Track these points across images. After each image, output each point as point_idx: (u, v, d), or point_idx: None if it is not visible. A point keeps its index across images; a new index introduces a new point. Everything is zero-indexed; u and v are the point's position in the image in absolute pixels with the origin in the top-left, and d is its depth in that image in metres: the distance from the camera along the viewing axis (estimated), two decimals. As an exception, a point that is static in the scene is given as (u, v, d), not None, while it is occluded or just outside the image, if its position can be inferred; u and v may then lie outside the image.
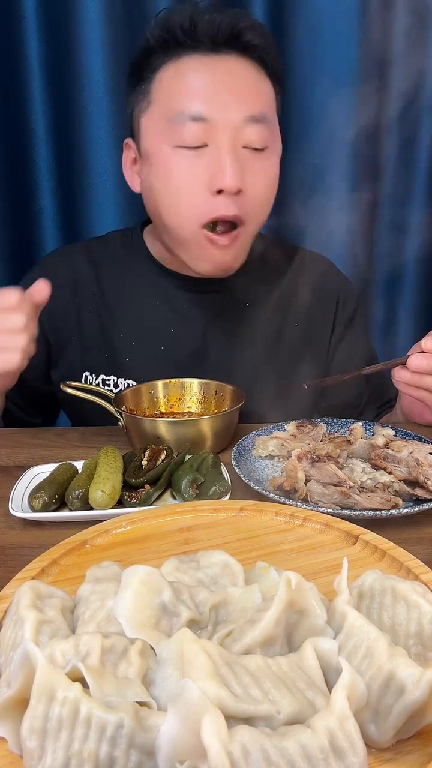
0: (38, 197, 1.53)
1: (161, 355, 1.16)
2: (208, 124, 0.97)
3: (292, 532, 0.67)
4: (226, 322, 1.18)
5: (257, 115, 0.99)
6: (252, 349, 1.18)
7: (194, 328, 1.17)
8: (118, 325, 1.18)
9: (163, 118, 1.00)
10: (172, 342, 1.17)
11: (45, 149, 1.48)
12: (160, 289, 1.18)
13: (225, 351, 1.17)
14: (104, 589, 0.50)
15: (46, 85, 1.43)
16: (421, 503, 0.75)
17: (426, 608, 0.47)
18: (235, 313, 1.18)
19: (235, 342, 1.18)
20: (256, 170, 1.01)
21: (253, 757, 0.35)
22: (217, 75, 0.98)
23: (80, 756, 0.37)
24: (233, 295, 1.17)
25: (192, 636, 0.42)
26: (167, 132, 0.99)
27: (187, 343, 1.17)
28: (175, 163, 0.99)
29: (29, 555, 0.62)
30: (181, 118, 0.97)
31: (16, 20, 1.39)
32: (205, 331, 1.17)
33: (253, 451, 0.92)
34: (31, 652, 0.38)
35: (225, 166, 0.96)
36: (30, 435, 1.05)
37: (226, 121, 0.97)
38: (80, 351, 1.18)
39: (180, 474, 0.80)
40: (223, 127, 0.97)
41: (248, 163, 0.99)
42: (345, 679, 0.38)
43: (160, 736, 0.36)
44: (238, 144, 0.98)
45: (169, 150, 0.99)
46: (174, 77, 0.99)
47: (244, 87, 0.99)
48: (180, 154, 0.99)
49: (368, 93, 1.49)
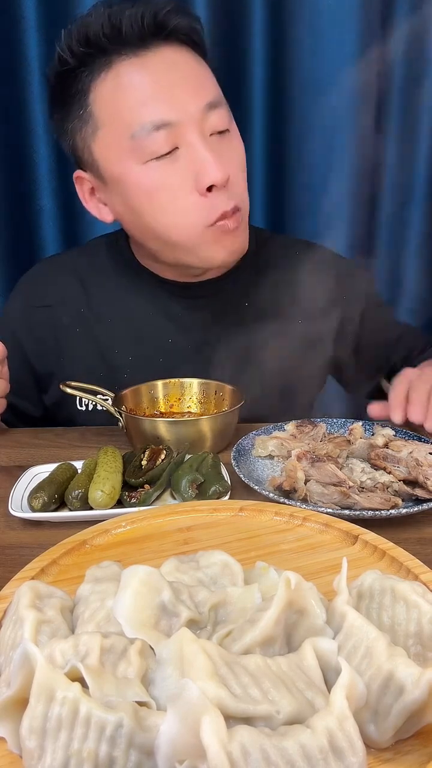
0: (38, 197, 1.52)
1: (161, 367, 1.10)
2: (173, 127, 0.92)
3: (292, 532, 0.67)
4: (225, 326, 1.13)
5: (213, 101, 0.95)
6: (256, 352, 1.12)
7: (193, 337, 1.12)
8: (112, 341, 1.13)
9: (120, 137, 0.94)
10: (171, 353, 1.12)
11: (45, 149, 1.48)
12: (153, 299, 1.13)
13: (227, 358, 1.11)
14: (104, 589, 0.50)
15: (46, 86, 1.43)
16: (421, 503, 0.75)
17: (425, 608, 0.47)
18: (234, 316, 1.13)
19: (237, 346, 1.12)
20: (229, 153, 0.98)
21: (252, 757, 0.35)
22: (160, 72, 0.93)
23: (80, 756, 0.37)
24: (229, 297, 1.13)
25: (191, 636, 0.42)
26: (131, 150, 0.93)
27: (188, 354, 1.12)
28: (151, 178, 0.94)
29: (29, 555, 0.62)
30: (144, 131, 0.92)
31: (16, 20, 1.39)
32: (204, 338, 1.12)
33: (253, 451, 0.92)
34: (31, 652, 0.38)
35: (206, 162, 0.93)
36: (30, 435, 1.05)
37: (189, 118, 0.93)
38: (72, 372, 1.10)
39: (180, 474, 0.80)
40: (188, 124, 0.93)
41: (221, 149, 0.96)
42: (344, 679, 0.38)
43: (160, 736, 0.36)
44: (206, 134, 0.95)
45: (140, 167, 0.94)
46: (115, 89, 0.93)
47: (191, 77, 0.95)
48: (153, 167, 0.94)
49: (368, 93, 1.49)
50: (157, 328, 1.13)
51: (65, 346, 1.14)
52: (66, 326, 1.14)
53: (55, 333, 1.14)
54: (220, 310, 1.13)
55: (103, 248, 1.19)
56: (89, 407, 1.14)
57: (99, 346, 1.14)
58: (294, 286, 1.16)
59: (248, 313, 1.14)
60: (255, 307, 1.14)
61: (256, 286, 1.15)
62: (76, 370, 1.12)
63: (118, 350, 1.13)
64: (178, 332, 1.13)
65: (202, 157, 0.93)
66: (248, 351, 1.12)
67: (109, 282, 1.15)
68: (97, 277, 1.16)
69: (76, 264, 1.18)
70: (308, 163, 1.52)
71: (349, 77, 1.46)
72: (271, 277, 1.16)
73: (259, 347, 1.13)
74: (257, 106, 1.48)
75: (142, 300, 1.14)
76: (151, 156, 0.93)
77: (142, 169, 0.94)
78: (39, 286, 1.17)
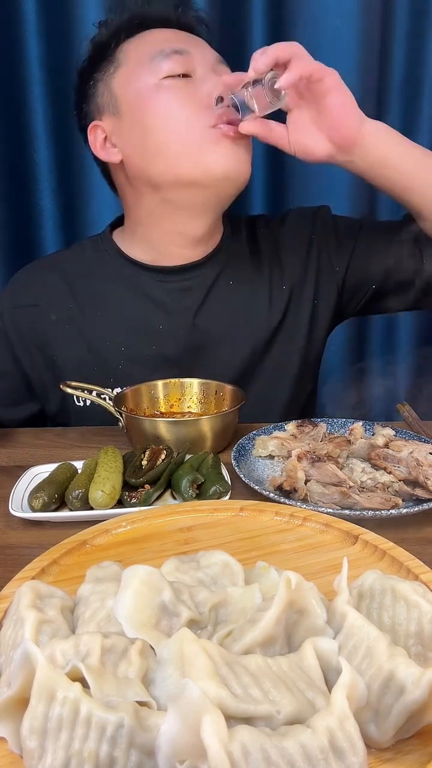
0: (38, 197, 1.52)
1: (154, 354, 1.13)
2: (190, 56, 1.01)
3: (292, 532, 0.67)
4: (214, 306, 1.15)
5: (223, 62, 1.05)
6: (246, 328, 1.15)
7: (183, 319, 1.13)
8: (102, 334, 1.14)
9: (141, 62, 1.02)
10: (162, 339, 1.13)
11: (45, 149, 1.48)
12: (139, 287, 1.14)
13: (219, 337, 1.14)
14: (104, 589, 0.50)
15: (46, 85, 1.43)
16: (421, 503, 0.75)
17: (426, 608, 0.47)
18: (221, 295, 1.15)
19: (227, 325, 1.15)
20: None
21: (253, 757, 0.35)
22: (179, 34, 1.06)
23: (80, 756, 0.37)
24: (216, 277, 1.15)
25: (192, 636, 0.42)
26: (150, 69, 1.01)
27: (179, 337, 1.13)
28: (168, 93, 1.01)
29: (29, 555, 0.62)
30: (162, 55, 1.01)
31: (16, 20, 1.39)
32: (194, 320, 1.14)
33: (253, 451, 0.92)
34: (32, 652, 0.38)
35: (216, 81, 1.00)
36: (30, 435, 1.05)
37: (204, 57, 1.03)
38: (65, 369, 1.13)
39: (180, 474, 0.80)
40: (203, 60, 1.02)
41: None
42: (345, 679, 0.38)
43: (160, 736, 0.36)
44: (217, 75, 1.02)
45: (155, 85, 1.01)
46: (140, 40, 1.05)
47: (206, 45, 1.07)
48: (167, 84, 1.01)
49: (368, 94, 1.49)
50: (146, 315, 1.14)
51: (55, 344, 1.15)
52: (54, 323, 1.15)
53: (45, 331, 1.14)
54: (208, 292, 1.15)
55: (87, 246, 1.21)
56: (87, 402, 1.14)
57: (89, 340, 1.14)
58: (272, 253, 1.19)
59: (235, 291, 1.16)
60: (240, 284, 1.16)
61: (238, 263, 1.17)
62: (69, 366, 1.13)
63: (110, 342, 1.14)
64: (167, 317, 1.14)
65: (215, 80, 1.00)
66: (237, 330, 1.15)
67: (95, 277, 1.16)
68: (82, 274, 1.17)
69: (61, 263, 1.20)
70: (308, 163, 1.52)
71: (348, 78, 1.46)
72: (253, 252, 1.19)
73: (248, 324, 1.15)
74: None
75: (128, 289, 1.15)
76: (169, 73, 1.00)
77: (156, 86, 1.01)
78: (24, 287, 1.18)
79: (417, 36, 1.48)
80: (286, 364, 1.19)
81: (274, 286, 1.18)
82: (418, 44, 1.49)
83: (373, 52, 1.46)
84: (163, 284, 1.14)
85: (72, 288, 1.16)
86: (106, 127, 1.07)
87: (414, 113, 1.54)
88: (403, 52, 1.50)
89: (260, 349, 1.16)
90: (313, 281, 1.19)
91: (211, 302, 1.15)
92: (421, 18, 1.47)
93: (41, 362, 1.16)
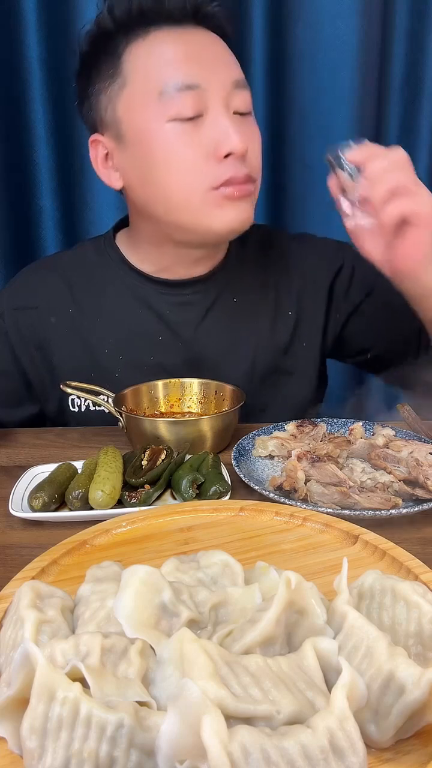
0: (38, 197, 1.52)
1: (152, 364, 1.11)
2: (202, 92, 0.94)
3: (292, 532, 0.67)
4: (215, 321, 1.13)
5: (241, 81, 0.98)
6: (247, 347, 1.14)
7: (183, 332, 1.12)
8: (101, 340, 1.12)
9: (149, 93, 0.95)
10: (162, 350, 1.11)
11: (45, 149, 1.48)
12: (141, 297, 1.12)
13: (219, 353, 1.12)
14: (104, 589, 0.50)
15: (46, 85, 1.43)
16: (421, 503, 0.75)
17: (426, 608, 0.47)
18: (224, 312, 1.13)
19: (228, 342, 1.13)
20: (249, 131, 0.99)
21: (253, 756, 0.35)
22: (194, 45, 0.97)
23: (80, 755, 0.37)
24: (219, 294, 1.13)
25: (192, 636, 0.42)
26: (158, 107, 0.95)
27: (179, 349, 1.12)
28: (173, 137, 0.95)
29: (29, 555, 0.62)
30: (173, 89, 0.94)
31: (16, 20, 1.39)
32: (195, 334, 1.12)
33: (253, 451, 0.92)
34: (32, 652, 0.38)
35: (229, 130, 0.94)
36: (30, 435, 1.05)
37: (218, 87, 0.95)
38: (64, 374, 1.09)
39: (180, 474, 0.80)
40: (216, 93, 0.95)
41: (241, 126, 0.97)
42: (345, 679, 0.38)
43: (160, 736, 0.36)
44: (230, 109, 0.96)
45: (162, 125, 0.95)
46: (149, 51, 0.96)
47: (222, 55, 0.99)
48: (175, 128, 0.95)
49: (368, 94, 1.49)
50: (146, 325, 1.12)
51: (54, 347, 1.14)
52: (54, 326, 1.13)
53: (44, 333, 1.13)
54: (211, 307, 1.13)
55: (90, 249, 1.18)
56: (81, 408, 1.13)
57: (88, 345, 1.13)
58: (282, 276, 1.17)
59: (238, 309, 1.14)
60: (244, 303, 1.15)
61: (245, 282, 1.15)
62: (67, 369, 1.12)
63: (108, 350, 1.12)
64: (168, 329, 1.12)
65: (225, 124, 0.94)
66: (238, 347, 1.13)
67: (97, 281, 1.14)
68: (84, 277, 1.15)
69: (62, 265, 1.17)
70: (309, 164, 1.53)
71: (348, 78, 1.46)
72: (259, 271, 1.16)
73: (249, 342, 1.14)
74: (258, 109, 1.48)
75: (130, 297, 1.13)
76: (176, 116, 0.94)
77: (163, 128, 0.95)
78: (24, 288, 1.17)
79: (417, 36, 1.49)
80: (289, 389, 1.17)
81: (280, 311, 1.16)
82: (418, 44, 1.49)
83: (373, 52, 1.46)
84: (165, 296, 1.12)
85: (72, 291, 1.14)
86: (107, 144, 1.03)
87: (414, 113, 1.54)
88: (403, 52, 1.51)
89: (261, 370, 1.14)
90: (323, 314, 1.18)
91: (212, 318, 1.13)
92: (421, 18, 1.47)
93: (40, 363, 1.15)
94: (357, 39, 1.43)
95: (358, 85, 1.47)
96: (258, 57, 1.45)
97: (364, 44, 1.44)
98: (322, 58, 1.46)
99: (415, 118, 1.54)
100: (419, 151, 1.55)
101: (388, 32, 1.48)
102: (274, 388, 1.16)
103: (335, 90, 1.47)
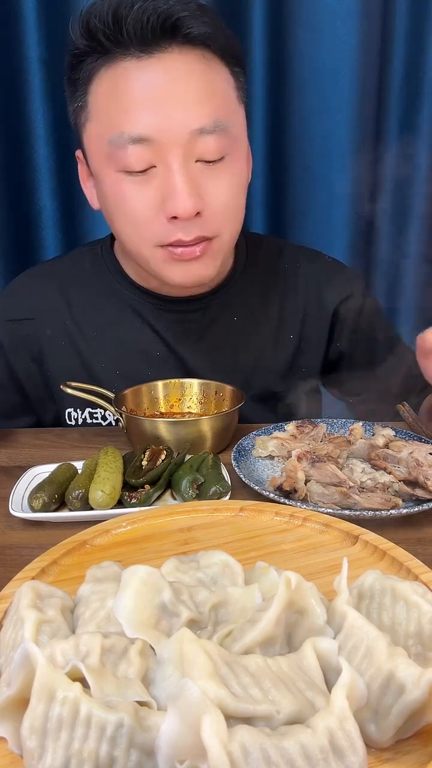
0: (38, 197, 1.52)
1: (150, 380, 1.06)
2: (152, 144, 0.85)
3: (292, 532, 0.67)
4: (214, 341, 1.10)
5: (208, 127, 0.86)
6: (246, 367, 1.11)
7: (181, 349, 1.10)
8: (97, 354, 1.10)
9: (102, 138, 0.89)
10: (159, 367, 1.09)
11: (45, 149, 1.48)
12: (139, 312, 1.10)
13: (214, 373, 1.08)
14: (104, 589, 0.50)
15: (46, 85, 1.43)
16: (421, 503, 0.75)
17: (426, 608, 0.47)
18: (223, 332, 1.11)
19: (224, 363, 1.10)
20: (216, 183, 0.90)
21: (252, 756, 0.35)
22: (156, 81, 0.85)
23: (80, 755, 0.37)
24: (219, 312, 1.10)
25: (192, 636, 0.42)
26: (109, 155, 0.89)
27: (175, 366, 1.10)
28: (123, 189, 0.90)
29: (29, 555, 0.62)
30: (122, 141, 0.86)
31: (16, 20, 1.39)
32: (193, 352, 1.10)
33: (253, 452, 0.92)
34: (32, 652, 0.39)
35: (176, 191, 0.86)
36: (30, 435, 1.05)
37: (173, 139, 0.85)
38: (58, 387, 1.04)
39: (180, 474, 0.80)
40: (173, 143, 0.85)
41: (205, 179, 0.89)
42: (345, 679, 0.38)
43: (160, 736, 0.36)
44: (189, 160, 0.87)
45: (115, 174, 0.89)
46: (110, 87, 0.87)
47: (191, 92, 0.86)
48: (124, 179, 0.89)
49: (368, 94, 1.49)
50: (144, 341, 1.10)
51: (50, 359, 1.12)
52: (50, 338, 1.11)
53: (40, 345, 1.12)
54: (210, 326, 1.11)
55: (86, 257, 1.15)
56: (78, 422, 1.12)
57: (84, 359, 1.11)
58: (288, 297, 1.14)
59: (238, 329, 1.12)
60: (244, 322, 1.12)
61: (247, 301, 1.12)
62: (63, 381, 1.07)
63: (105, 364, 1.11)
64: (165, 346, 1.10)
65: (173, 184, 0.87)
66: (236, 366, 1.11)
67: (93, 294, 1.12)
68: (80, 289, 1.12)
69: (58, 274, 1.14)
70: (309, 165, 1.53)
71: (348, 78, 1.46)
72: (264, 289, 1.14)
73: (248, 363, 1.11)
74: (257, 110, 1.48)
75: (127, 312, 1.11)
76: (124, 169, 0.88)
77: (114, 177, 0.90)
78: (20, 299, 1.14)
79: (417, 36, 1.48)
80: (282, 410, 1.14)
81: (281, 333, 1.14)
82: (418, 44, 1.49)
83: (373, 52, 1.46)
84: (164, 313, 1.10)
85: (68, 302, 1.12)
86: (83, 167, 1.00)
87: (414, 113, 1.54)
88: (403, 52, 1.50)
89: (256, 394, 1.12)
90: (325, 341, 1.17)
91: (210, 338, 1.11)
92: (421, 18, 1.47)
93: (36, 375, 1.14)
94: (357, 39, 1.43)
95: (358, 85, 1.46)
96: (258, 57, 1.45)
97: (364, 44, 1.44)
98: (322, 58, 1.45)
99: (414, 118, 1.54)
100: (419, 151, 1.55)
101: (388, 32, 1.47)
102: (271, 412, 1.14)
103: (335, 90, 1.47)
